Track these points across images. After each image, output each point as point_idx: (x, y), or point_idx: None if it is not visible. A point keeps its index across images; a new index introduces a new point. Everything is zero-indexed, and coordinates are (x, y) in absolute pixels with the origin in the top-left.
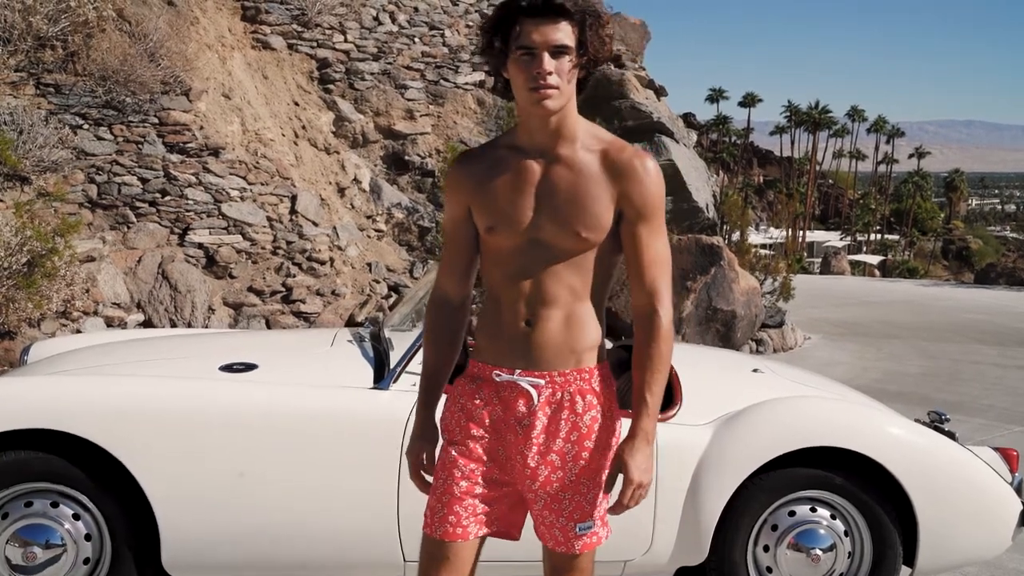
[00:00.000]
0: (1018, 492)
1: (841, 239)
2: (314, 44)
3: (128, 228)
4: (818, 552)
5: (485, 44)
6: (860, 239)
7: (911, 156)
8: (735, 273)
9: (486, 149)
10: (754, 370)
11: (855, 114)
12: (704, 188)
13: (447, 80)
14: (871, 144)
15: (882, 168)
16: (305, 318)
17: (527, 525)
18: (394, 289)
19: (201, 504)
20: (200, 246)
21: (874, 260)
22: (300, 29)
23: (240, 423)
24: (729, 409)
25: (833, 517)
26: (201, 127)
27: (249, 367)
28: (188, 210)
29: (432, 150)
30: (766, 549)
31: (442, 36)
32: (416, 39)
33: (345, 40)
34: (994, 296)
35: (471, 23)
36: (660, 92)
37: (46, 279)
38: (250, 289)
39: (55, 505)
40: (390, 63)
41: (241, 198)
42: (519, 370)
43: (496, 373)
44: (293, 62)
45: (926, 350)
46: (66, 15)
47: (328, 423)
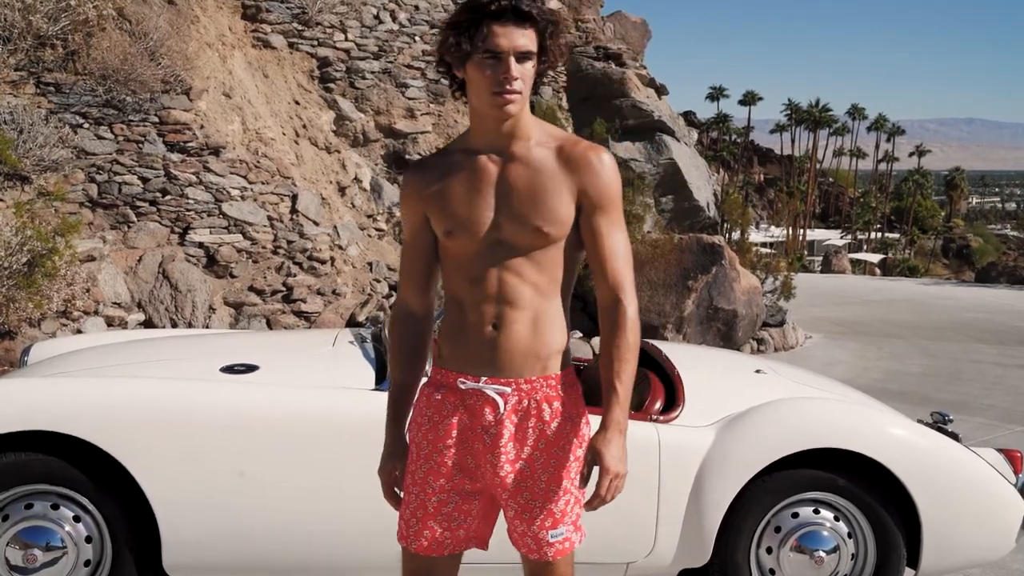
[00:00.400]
0: (1022, 493)
1: (842, 237)
2: (315, 43)
3: (128, 227)
4: (821, 554)
5: (452, 44)
6: (860, 237)
7: (911, 154)
8: (736, 272)
9: (439, 155)
10: (757, 371)
11: (855, 112)
12: (705, 187)
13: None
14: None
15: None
16: (306, 318)
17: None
18: (395, 289)
19: (202, 506)
20: (201, 245)
21: (874, 258)
22: (301, 28)
23: (241, 424)
24: (732, 411)
25: (836, 519)
26: (202, 126)
27: (250, 368)
28: (189, 209)
29: (433, 149)
30: (769, 551)
31: None
32: (417, 37)
33: (346, 39)
34: (995, 295)
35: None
36: (661, 91)
37: (46, 279)
38: (251, 288)
39: (55, 507)
40: (391, 62)
41: (242, 197)
42: (485, 378)
43: (461, 381)
44: (294, 61)
45: (927, 349)
46: (66, 14)
47: (329, 425)
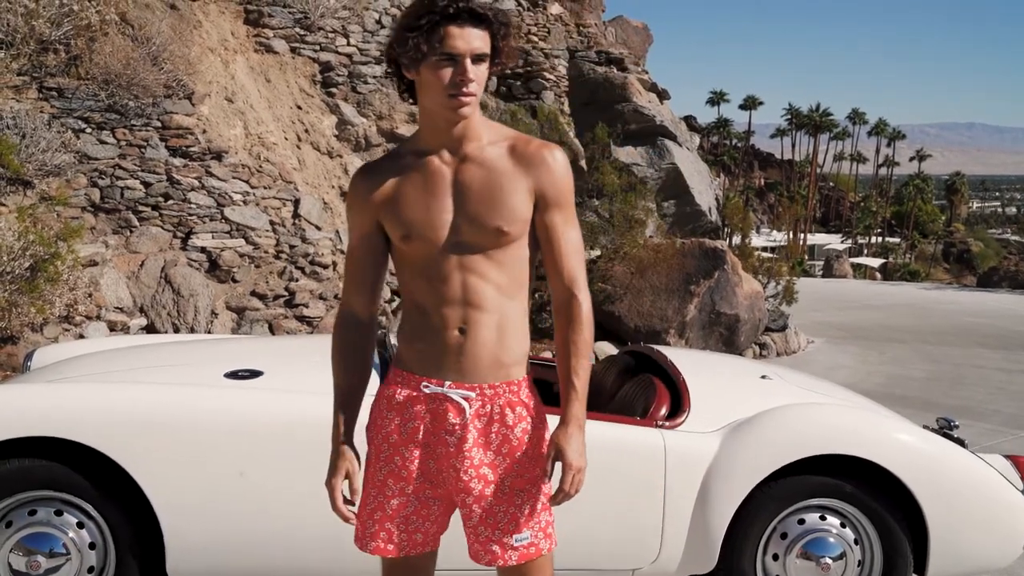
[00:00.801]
0: None
1: (842, 242)
2: (317, 48)
3: (131, 232)
4: (828, 561)
5: (411, 46)
6: (861, 242)
7: (912, 159)
8: (739, 277)
9: (388, 159)
10: (762, 376)
11: (856, 117)
12: (707, 191)
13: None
14: (872, 147)
15: (883, 171)
16: (308, 322)
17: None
18: (397, 293)
19: (206, 511)
20: (203, 250)
21: (875, 263)
22: (303, 33)
23: (245, 430)
24: (738, 416)
25: (843, 525)
26: (204, 131)
27: (254, 374)
28: (191, 214)
29: None
30: (775, 558)
31: None
32: None
33: (348, 43)
34: (997, 300)
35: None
36: (663, 95)
37: (49, 284)
38: (253, 293)
39: (59, 513)
40: None
41: (244, 202)
42: (449, 382)
43: (425, 384)
44: (296, 66)
45: (929, 354)
46: (69, 19)
47: None
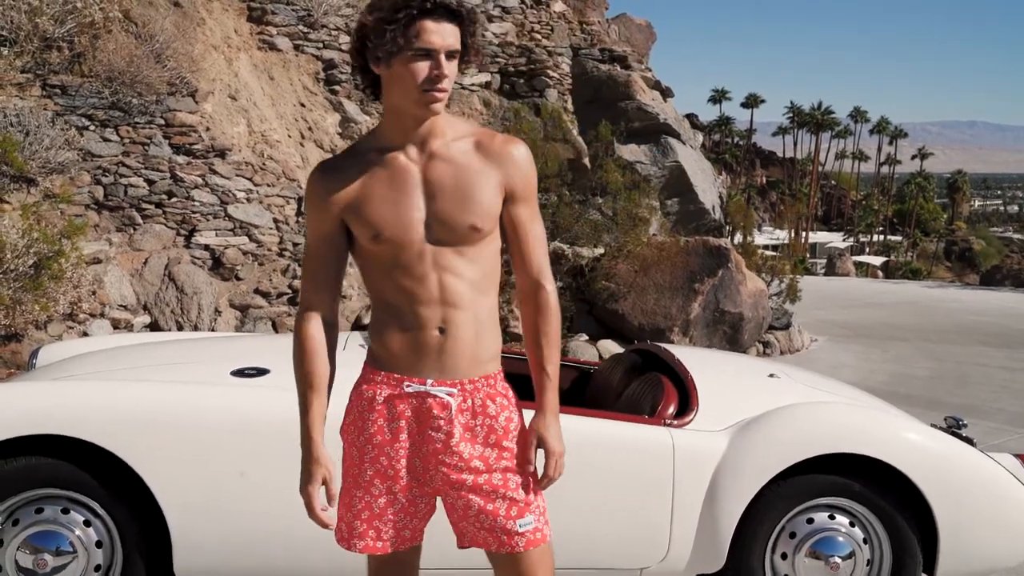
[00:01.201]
0: None
1: (844, 240)
2: (320, 45)
3: (134, 230)
4: (837, 560)
5: (388, 39)
6: (863, 240)
7: (914, 157)
8: (742, 275)
9: (349, 157)
10: (770, 375)
11: (858, 115)
12: (710, 190)
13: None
14: (874, 145)
15: (885, 169)
16: None
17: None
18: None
19: (213, 510)
20: (206, 248)
21: (877, 261)
22: (306, 30)
23: (252, 428)
24: (746, 415)
25: (852, 524)
26: (207, 128)
27: (261, 372)
28: (194, 212)
29: None
30: (784, 557)
31: None
32: None
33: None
34: (1000, 298)
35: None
36: (666, 93)
37: (53, 281)
38: (256, 291)
39: (66, 511)
40: None
41: (247, 199)
42: (431, 380)
43: (407, 384)
44: (299, 63)
45: (932, 352)
46: (72, 16)
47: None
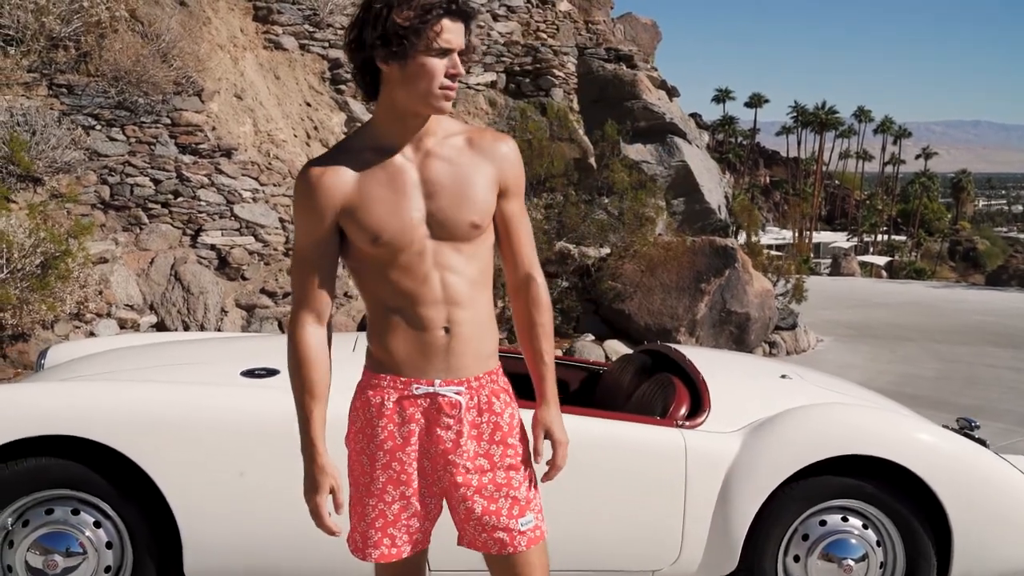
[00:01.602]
0: None
1: (848, 240)
2: (326, 44)
3: (140, 229)
4: (850, 562)
5: (409, 37)
6: (867, 240)
7: (918, 157)
8: (749, 275)
9: (342, 155)
10: (782, 376)
11: (862, 114)
12: (716, 189)
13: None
14: (878, 145)
15: (889, 169)
16: None
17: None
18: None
19: (224, 511)
20: (212, 247)
21: (880, 261)
22: (312, 29)
23: (263, 429)
24: (758, 416)
25: (865, 527)
26: (213, 128)
27: (271, 372)
28: (200, 211)
29: None
30: (797, 559)
31: None
32: None
33: None
34: (1006, 298)
35: (482, 23)
36: (672, 93)
37: (60, 281)
38: (262, 291)
39: (76, 512)
40: None
41: (253, 199)
42: (439, 380)
43: (416, 386)
44: (305, 62)
45: (939, 353)
46: (79, 15)
47: None
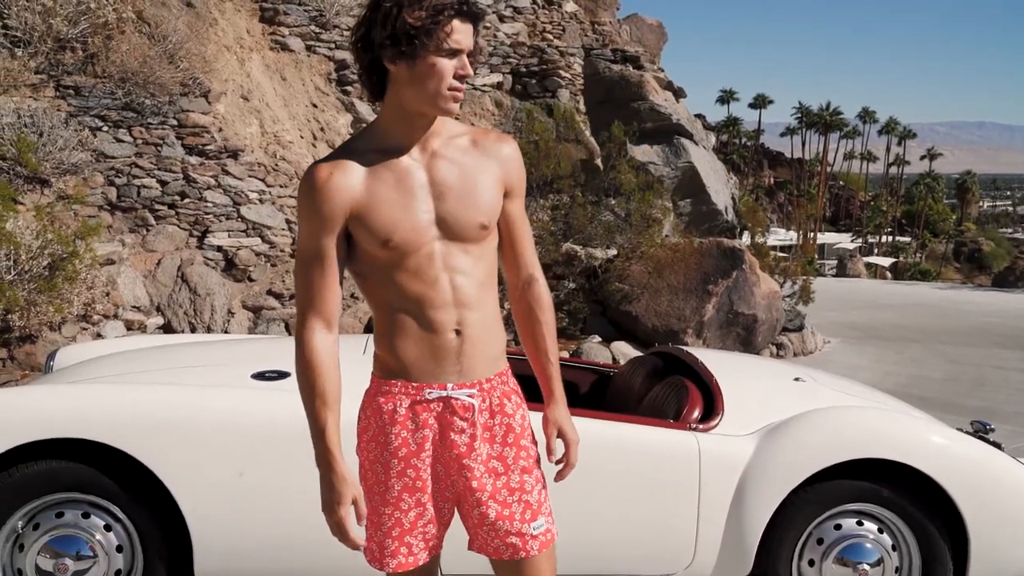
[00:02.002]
0: None
1: (852, 241)
2: (332, 45)
3: (147, 231)
4: (865, 567)
5: (423, 37)
6: (871, 241)
7: (923, 158)
8: (756, 277)
9: (349, 157)
10: (796, 379)
11: (866, 115)
12: (723, 190)
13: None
14: (882, 146)
15: (893, 170)
16: None
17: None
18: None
19: (235, 514)
20: (219, 249)
21: (885, 262)
22: (318, 31)
23: (274, 432)
24: (773, 419)
25: (880, 531)
26: (220, 129)
27: (282, 375)
28: (207, 213)
29: None
30: (811, 563)
31: None
32: None
33: None
34: (1013, 300)
35: (488, 24)
36: (679, 94)
37: (67, 282)
38: (269, 292)
39: (86, 516)
40: None
41: (260, 200)
42: (451, 384)
43: (428, 390)
44: (311, 64)
45: (947, 354)
46: (86, 17)
47: None
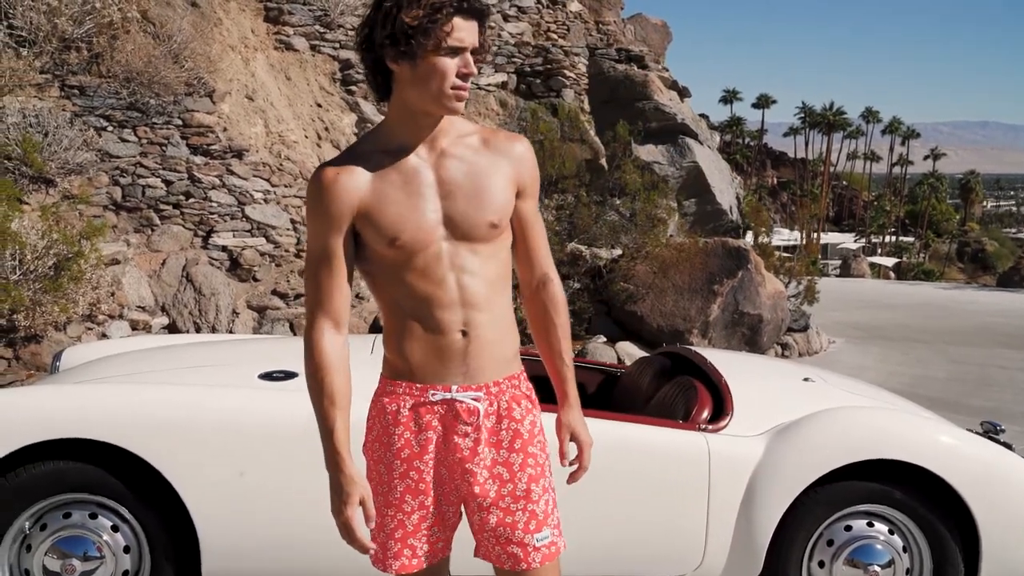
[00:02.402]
0: None
1: (855, 241)
2: (336, 45)
3: (152, 231)
4: (876, 568)
5: (422, 36)
6: (875, 241)
7: (926, 157)
8: (761, 276)
9: (355, 158)
10: (805, 379)
11: (870, 115)
12: (728, 190)
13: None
14: (886, 145)
15: (897, 170)
16: None
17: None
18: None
19: (242, 514)
20: (224, 249)
21: (888, 262)
22: (323, 30)
23: (282, 432)
24: (783, 420)
25: (891, 532)
26: (225, 129)
27: (289, 375)
28: (212, 212)
29: None
30: (821, 565)
31: None
32: None
33: None
34: (1016, 299)
35: (493, 24)
36: (683, 93)
37: (72, 282)
38: (274, 292)
39: (94, 516)
40: None
41: (265, 200)
42: (456, 386)
43: (432, 392)
44: (316, 63)
45: (951, 354)
46: (91, 16)
47: None
